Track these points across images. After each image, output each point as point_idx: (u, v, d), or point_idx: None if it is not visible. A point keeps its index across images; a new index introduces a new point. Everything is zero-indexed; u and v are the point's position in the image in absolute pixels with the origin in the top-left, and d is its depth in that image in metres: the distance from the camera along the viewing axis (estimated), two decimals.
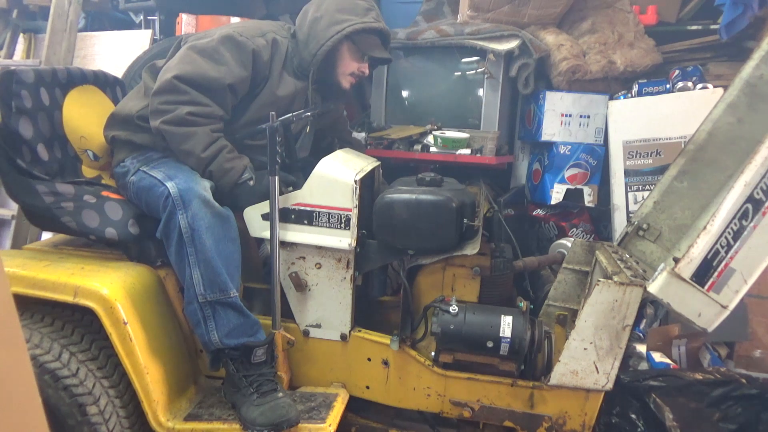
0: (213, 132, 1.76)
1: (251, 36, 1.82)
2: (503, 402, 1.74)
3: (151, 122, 1.75)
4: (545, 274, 2.27)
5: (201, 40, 1.80)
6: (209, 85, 1.74)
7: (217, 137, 1.77)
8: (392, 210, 1.71)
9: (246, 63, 1.80)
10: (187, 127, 1.72)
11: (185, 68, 1.74)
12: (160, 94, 1.73)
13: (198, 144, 1.72)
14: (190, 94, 1.72)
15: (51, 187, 1.70)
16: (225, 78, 1.76)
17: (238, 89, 1.81)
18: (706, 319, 1.46)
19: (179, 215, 1.63)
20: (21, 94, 1.73)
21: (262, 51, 1.83)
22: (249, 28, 1.86)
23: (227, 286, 1.66)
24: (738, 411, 1.82)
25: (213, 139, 1.75)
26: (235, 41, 1.79)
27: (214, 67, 1.76)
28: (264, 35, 1.86)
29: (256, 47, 1.81)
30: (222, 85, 1.76)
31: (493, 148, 2.50)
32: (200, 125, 1.73)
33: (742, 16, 2.32)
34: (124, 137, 1.86)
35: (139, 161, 1.81)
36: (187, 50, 1.79)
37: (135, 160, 1.82)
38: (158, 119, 1.72)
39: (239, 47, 1.79)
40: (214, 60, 1.76)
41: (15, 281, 1.61)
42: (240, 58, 1.79)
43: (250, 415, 1.62)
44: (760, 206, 1.41)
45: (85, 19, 3.64)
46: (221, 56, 1.77)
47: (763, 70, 1.64)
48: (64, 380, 1.57)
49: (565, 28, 2.74)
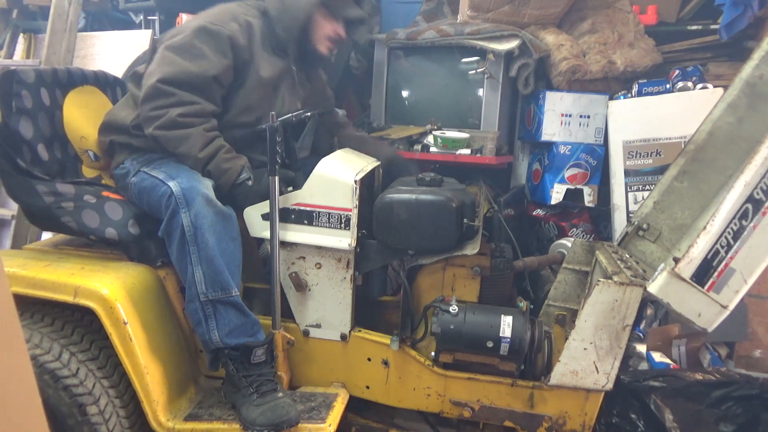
0: (207, 131, 1.74)
1: (224, 23, 1.79)
2: (503, 402, 1.74)
3: (145, 130, 1.74)
4: (545, 274, 2.27)
5: (175, 38, 1.78)
6: (194, 82, 1.73)
7: (212, 137, 1.76)
8: (392, 210, 1.71)
9: (225, 51, 1.77)
10: (181, 130, 1.71)
11: (166, 70, 1.72)
12: (147, 101, 1.72)
13: (194, 145, 1.71)
14: (177, 95, 1.71)
15: (51, 187, 1.70)
16: (208, 71, 1.74)
17: (222, 79, 1.79)
18: (706, 319, 1.46)
19: (182, 213, 1.63)
20: (21, 93, 1.73)
21: (238, 36, 1.79)
22: (220, 15, 1.83)
23: (229, 284, 1.66)
24: (738, 411, 1.81)
25: (209, 139, 1.74)
26: (209, 31, 1.76)
27: (194, 63, 1.73)
28: (236, 19, 1.83)
29: (231, 33, 1.78)
30: (206, 79, 1.74)
31: (493, 148, 2.50)
32: (193, 126, 1.72)
33: (742, 16, 2.32)
34: (122, 141, 1.86)
35: (139, 162, 1.81)
36: (164, 51, 1.77)
37: (135, 162, 1.82)
38: (151, 126, 1.72)
39: (214, 37, 1.76)
40: (192, 55, 1.74)
41: (15, 281, 1.61)
42: (218, 48, 1.76)
43: (250, 415, 1.62)
44: (760, 206, 1.41)
45: (85, 19, 3.63)
46: (199, 50, 1.74)
47: (763, 70, 1.64)
48: (64, 380, 1.57)
49: (565, 28, 2.74)
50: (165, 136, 1.71)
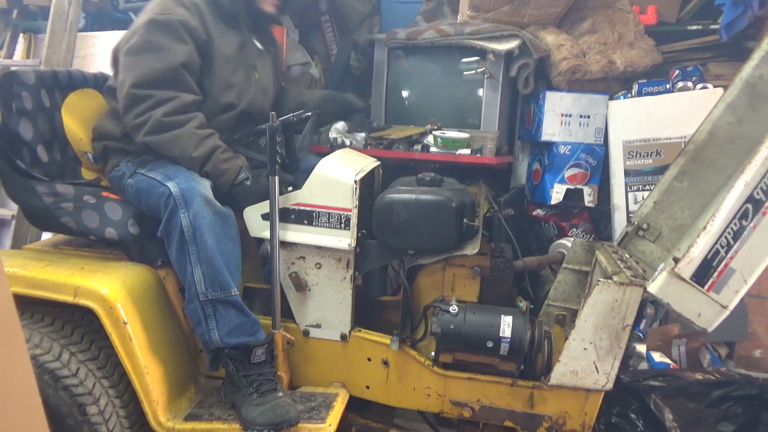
0: (197, 129, 1.73)
1: (170, 9, 1.76)
2: (503, 402, 1.74)
3: (135, 139, 1.74)
4: (545, 274, 2.27)
5: (131, 41, 1.76)
6: (165, 77, 1.71)
7: (205, 135, 1.74)
8: (392, 210, 1.71)
9: (182, 37, 1.75)
10: (169, 132, 1.70)
11: (134, 74, 1.71)
12: (128, 110, 1.71)
13: (186, 146, 1.71)
14: (154, 95, 1.70)
15: (51, 188, 1.70)
16: (174, 61, 1.72)
17: (190, 65, 1.77)
18: (706, 319, 1.46)
19: (181, 214, 1.63)
20: (21, 95, 1.73)
21: (188, 19, 1.77)
22: (164, 4, 1.79)
23: (228, 284, 1.66)
24: (738, 411, 1.81)
25: (201, 137, 1.73)
26: (158, 23, 1.74)
27: (157, 58, 1.71)
28: (181, 3, 1.80)
29: (181, 18, 1.76)
30: (175, 69, 1.72)
31: (493, 148, 2.50)
32: (181, 125, 1.71)
33: (742, 16, 2.32)
34: (115, 146, 1.86)
35: (135, 164, 1.81)
36: (125, 57, 1.75)
37: (130, 164, 1.82)
38: (139, 134, 1.71)
39: (166, 26, 1.74)
40: (153, 51, 1.72)
41: (15, 281, 1.61)
42: (174, 36, 1.74)
43: (250, 415, 1.62)
44: (760, 206, 1.41)
45: (85, 19, 3.63)
46: (157, 44, 1.73)
47: (763, 70, 1.64)
48: (64, 380, 1.57)
49: (565, 28, 2.74)
50: (156, 141, 1.71)
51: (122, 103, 1.73)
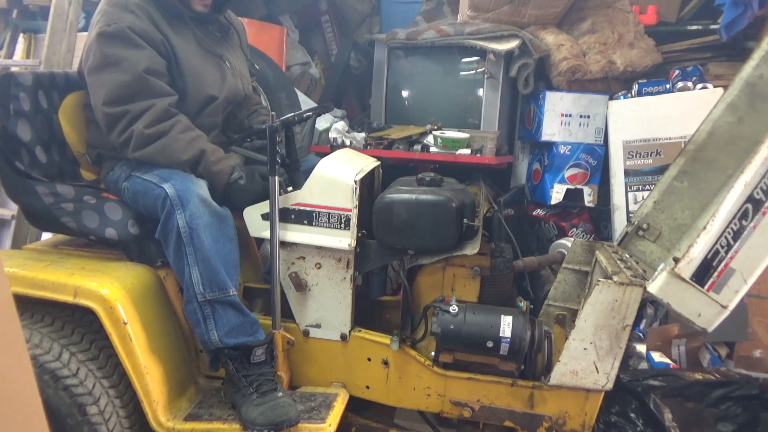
0: (182, 133, 1.71)
1: (116, 18, 1.71)
2: (503, 402, 1.74)
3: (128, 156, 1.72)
4: (545, 274, 2.27)
5: (89, 61, 1.72)
6: (132, 88, 1.68)
7: (191, 138, 1.72)
8: (392, 210, 1.71)
9: (136, 42, 1.70)
10: (155, 142, 1.68)
11: (102, 93, 1.68)
12: (109, 130, 1.70)
13: (175, 152, 1.69)
14: (129, 110, 1.67)
15: (51, 188, 1.70)
16: (136, 68, 1.67)
17: (154, 68, 1.72)
18: (706, 319, 1.46)
19: (177, 215, 1.63)
20: (19, 96, 1.73)
21: (136, 22, 1.72)
22: (108, 14, 1.74)
23: (226, 284, 1.66)
24: (738, 411, 1.82)
25: (187, 141, 1.71)
26: (108, 35, 1.69)
27: (118, 70, 1.68)
28: (125, 8, 1.74)
29: (129, 24, 1.70)
30: (140, 77, 1.68)
31: (493, 148, 2.50)
32: (165, 133, 1.68)
33: (742, 16, 2.32)
34: (108, 154, 1.85)
35: (130, 167, 1.79)
36: (89, 78, 1.73)
37: (125, 167, 1.81)
38: (128, 151, 1.70)
39: (117, 36, 1.69)
40: (112, 65, 1.68)
41: (15, 281, 1.60)
42: (127, 44, 1.70)
43: (250, 415, 1.62)
44: (760, 206, 1.41)
45: (85, 19, 3.63)
46: (113, 57, 1.68)
47: (763, 70, 1.64)
48: (64, 380, 1.57)
49: (565, 28, 2.74)
50: (145, 155, 1.69)
51: (102, 124, 1.71)
